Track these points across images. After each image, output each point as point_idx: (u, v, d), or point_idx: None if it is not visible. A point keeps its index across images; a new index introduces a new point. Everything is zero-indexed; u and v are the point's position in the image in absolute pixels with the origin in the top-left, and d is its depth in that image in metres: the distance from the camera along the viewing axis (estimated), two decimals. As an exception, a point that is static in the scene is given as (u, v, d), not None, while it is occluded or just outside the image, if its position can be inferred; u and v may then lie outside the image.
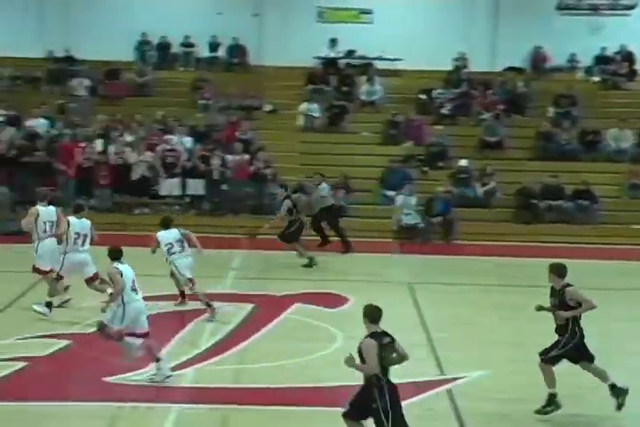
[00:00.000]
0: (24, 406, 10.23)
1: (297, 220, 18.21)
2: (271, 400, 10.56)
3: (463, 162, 22.88)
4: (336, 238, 19.82)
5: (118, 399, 10.40)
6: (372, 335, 8.36)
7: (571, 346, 10.15)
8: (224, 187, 21.94)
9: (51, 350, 12.14)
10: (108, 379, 11.00)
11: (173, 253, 14.17)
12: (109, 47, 25.67)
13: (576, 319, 10.14)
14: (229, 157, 22.30)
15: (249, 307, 14.71)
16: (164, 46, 27.36)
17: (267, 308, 14.75)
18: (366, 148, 24.34)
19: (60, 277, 14.02)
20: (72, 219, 14.11)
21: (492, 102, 25.24)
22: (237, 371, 11.69)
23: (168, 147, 22.22)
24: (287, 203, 18.13)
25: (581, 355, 10.24)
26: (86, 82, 25.48)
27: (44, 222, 14.25)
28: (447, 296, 16.03)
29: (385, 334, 8.43)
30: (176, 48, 27.46)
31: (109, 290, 12.57)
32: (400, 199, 21.51)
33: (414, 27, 27.08)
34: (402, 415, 8.34)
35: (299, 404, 10.54)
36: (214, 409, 10.32)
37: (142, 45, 27.21)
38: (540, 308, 10.32)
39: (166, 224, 14.41)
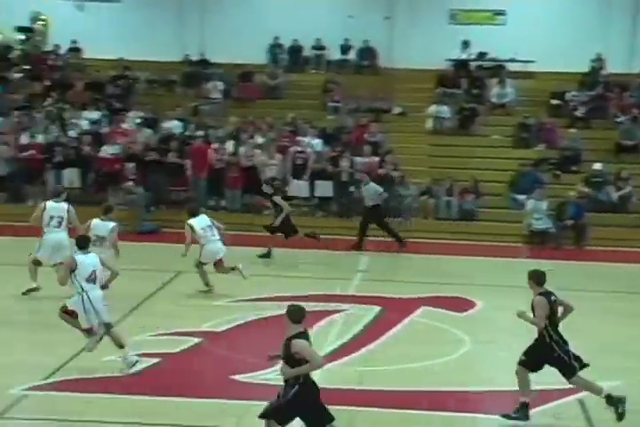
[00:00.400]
0: (154, 401, 10.48)
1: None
2: (395, 404, 10.51)
3: (597, 166, 22.30)
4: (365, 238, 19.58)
5: (246, 397, 10.53)
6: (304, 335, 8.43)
7: (547, 351, 9.82)
8: (352, 189, 22.00)
9: (182, 347, 12.38)
10: (236, 377, 11.16)
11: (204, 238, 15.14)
12: (243, 50, 26.08)
13: (548, 330, 9.79)
14: (358, 160, 22.34)
15: (376, 309, 14.69)
16: (295, 49, 27.67)
17: (393, 310, 14.69)
18: (497, 151, 24.02)
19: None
20: (95, 221, 14.41)
21: (630, 105, 24.55)
22: (363, 373, 11.68)
23: (299, 149, 22.42)
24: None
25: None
26: (220, 85, 25.98)
27: (51, 217, 14.60)
28: (576, 303, 15.60)
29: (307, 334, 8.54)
30: (307, 51, 27.74)
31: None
32: (531, 203, 21.13)
33: (548, 27, 26.61)
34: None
35: (422, 408, 10.46)
36: (339, 410, 10.33)
37: (274, 48, 27.58)
38: (520, 313, 9.97)
39: (194, 213, 15.48)
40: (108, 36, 26.68)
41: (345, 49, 27.54)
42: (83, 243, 11.66)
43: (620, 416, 9.74)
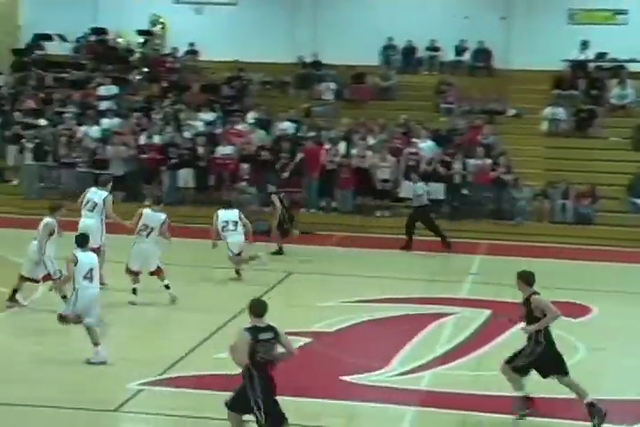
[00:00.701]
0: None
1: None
2: (507, 409, 10.33)
3: None
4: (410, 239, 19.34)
5: (355, 399, 10.52)
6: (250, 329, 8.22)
7: (535, 356, 9.64)
8: (464, 191, 21.78)
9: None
10: (346, 378, 11.16)
11: (226, 231, 15.76)
12: (355, 52, 26.10)
13: (540, 329, 9.70)
14: (471, 162, 22.11)
15: (487, 313, 14.51)
16: (409, 50, 27.55)
17: (505, 315, 14.46)
18: (615, 153, 23.42)
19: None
20: (146, 210, 14.62)
21: None
22: (474, 377, 11.53)
23: (412, 150, 22.31)
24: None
25: (549, 367, 9.66)
26: (332, 86, 26.07)
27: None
28: None
29: (269, 328, 8.26)
30: (421, 52, 27.59)
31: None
32: (650, 207, 20.57)
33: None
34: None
35: (536, 415, 10.25)
36: (448, 414, 10.24)
37: (387, 50, 27.52)
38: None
39: (229, 204, 16.33)
40: (223, 39, 27.08)
41: (460, 50, 27.29)
42: (82, 241, 11.82)
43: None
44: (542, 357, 9.73)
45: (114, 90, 25.31)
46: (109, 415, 9.96)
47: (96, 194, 15.08)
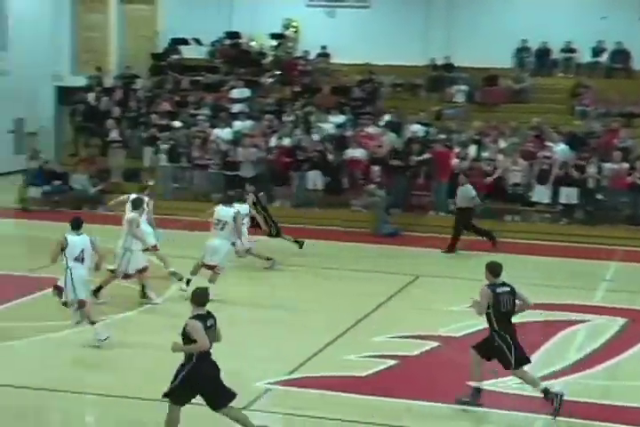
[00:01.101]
0: (388, 402, 10.52)
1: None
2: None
3: None
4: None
5: (483, 404, 10.37)
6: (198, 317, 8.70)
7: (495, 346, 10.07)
8: (599, 196, 21.20)
9: (420, 351, 12.36)
10: (472, 383, 11.00)
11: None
12: (489, 54, 25.76)
13: (491, 320, 10.06)
14: (606, 166, 21.49)
15: (622, 321, 14.07)
16: (543, 52, 27.03)
17: (640, 323, 14.03)
18: None
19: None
20: (219, 207, 14.88)
21: None
22: (607, 387, 11.21)
23: (546, 154, 21.86)
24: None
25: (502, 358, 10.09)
26: (464, 88, 25.81)
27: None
28: None
29: (210, 315, 8.83)
30: (556, 54, 27.03)
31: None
32: None
33: None
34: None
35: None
36: (579, 424, 9.98)
37: (521, 52, 27.08)
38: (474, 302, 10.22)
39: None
40: (355, 42, 27.14)
41: (597, 51, 26.61)
42: (75, 224, 12.29)
43: (556, 411, 9.89)
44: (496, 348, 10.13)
45: (246, 93, 25.69)
46: (237, 413, 10.09)
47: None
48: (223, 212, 14.85)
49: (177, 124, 24.10)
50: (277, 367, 11.40)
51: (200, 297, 8.85)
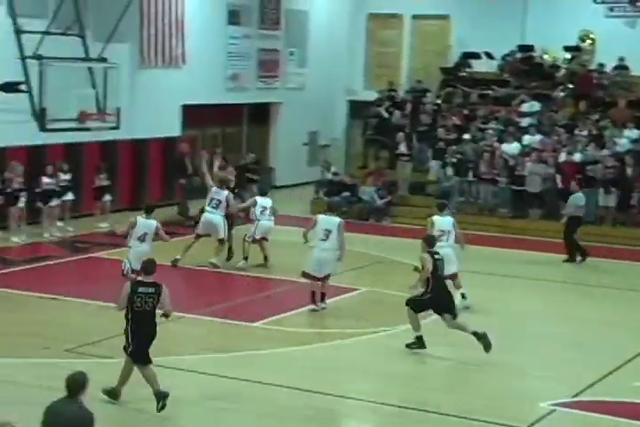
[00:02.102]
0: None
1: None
2: None
3: None
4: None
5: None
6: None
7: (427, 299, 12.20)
8: None
9: None
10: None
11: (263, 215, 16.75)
12: None
13: (429, 279, 12.17)
14: None
15: None
16: None
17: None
18: None
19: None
20: (435, 217, 14.75)
21: None
22: None
23: None
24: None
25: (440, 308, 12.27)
26: None
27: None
28: None
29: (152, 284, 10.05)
30: None
31: None
32: None
33: None
34: None
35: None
36: None
37: None
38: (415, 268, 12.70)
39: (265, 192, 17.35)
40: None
41: None
42: (148, 209, 14.81)
43: (487, 347, 11.83)
44: (432, 300, 12.20)
45: (536, 106, 25.19)
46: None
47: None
48: (442, 222, 14.63)
49: (466, 137, 24.07)
50: (562, 389, 11.04)
51: (148, 266, 10.31)
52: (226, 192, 17.09)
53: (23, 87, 15.82)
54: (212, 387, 10.89)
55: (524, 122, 24.74)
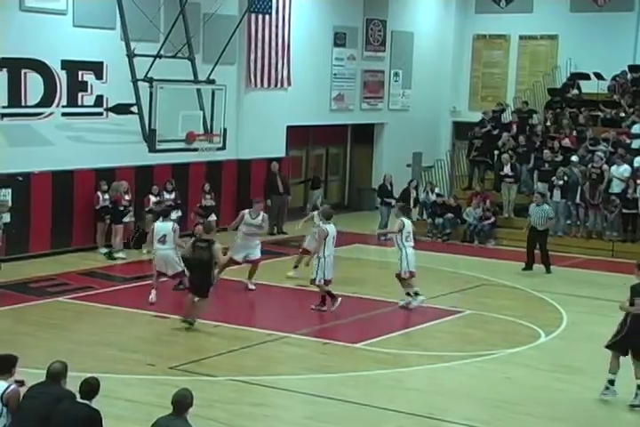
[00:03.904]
0: None
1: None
2: None
3: None
4: None
5: None
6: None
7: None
8: None
9: None
10: None
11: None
12: None
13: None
14: None
15: None
16: None
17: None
18: None
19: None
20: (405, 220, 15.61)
21: None
22: None
23: None
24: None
25: None
26: None
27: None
28: None
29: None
30: None
31: None
32: None
33: None
34: None
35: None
36: None
37: None
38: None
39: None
40: None
41: None
42: (163, 213, 16.14)
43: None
44: None
45: (647, 128, 24.60)
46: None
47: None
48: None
49: (574, 159, 23.63)
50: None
51: (206, 228, 14.02)
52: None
53: (134, 109, 16.17)
54: (315, 408, 10.87)
55: (635, 144, 24.17)
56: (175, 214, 20.16)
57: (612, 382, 11.13)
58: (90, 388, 7.44)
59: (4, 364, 7.75)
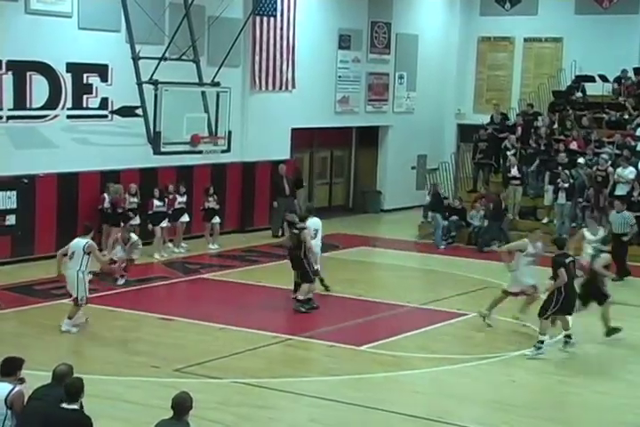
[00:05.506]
0: None
1: None
2: None
3: None
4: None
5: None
6: None
7: None
8: None
9: None
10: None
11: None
12: None
13: None
14: None
15: None
16: None
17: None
18: None
19: None
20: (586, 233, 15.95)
21: None
22: None
23: None
24: None
25: None
26: None
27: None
28: None
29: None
30: None
31: None
32: None
33: None
34: None
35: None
36: None
37: None
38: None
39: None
40: None
41: None
42: (83, 230, 14.36)
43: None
44: None
45: (653, 130, 24.56)
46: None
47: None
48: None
49: (581, 161, 23.60)
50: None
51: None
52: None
53: (139, 111, 16.17)
54: (320, 410, 10.85)
55: (640, 146, 24.14)
56: (184, 219, 20.20)
57: (542, 342, 12.91)
58: (75, 390, 7.29)
59: (9, 366, 7.74)
